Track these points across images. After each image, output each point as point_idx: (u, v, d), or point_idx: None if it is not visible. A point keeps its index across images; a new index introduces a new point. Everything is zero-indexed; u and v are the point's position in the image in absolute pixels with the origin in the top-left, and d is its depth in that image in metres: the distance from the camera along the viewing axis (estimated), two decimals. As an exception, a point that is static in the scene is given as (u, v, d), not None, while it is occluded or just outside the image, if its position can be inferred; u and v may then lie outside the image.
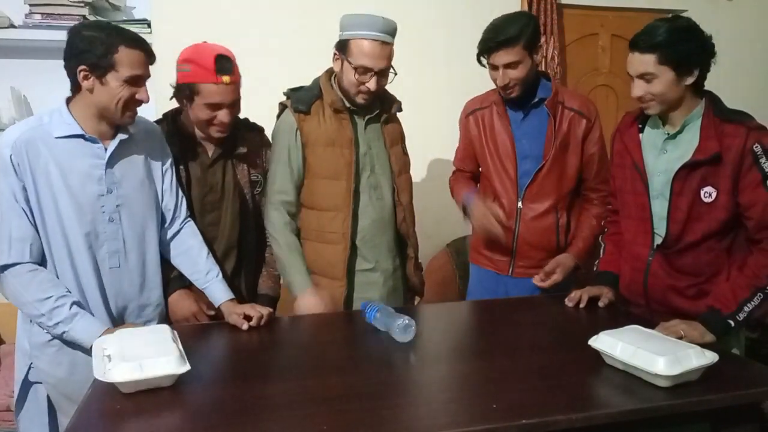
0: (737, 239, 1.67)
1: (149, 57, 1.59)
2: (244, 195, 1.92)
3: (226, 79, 1.71)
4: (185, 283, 1.82)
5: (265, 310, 1.71)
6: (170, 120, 1.87)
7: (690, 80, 1.60)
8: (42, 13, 2.59)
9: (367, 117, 1.95)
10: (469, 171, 2.21)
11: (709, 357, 1.31)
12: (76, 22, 2.58)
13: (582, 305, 1.84)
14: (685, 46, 1.57)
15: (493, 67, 1.93)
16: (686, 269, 1.71)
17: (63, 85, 2.78)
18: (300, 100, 1.90)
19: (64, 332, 1.54)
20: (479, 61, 1.96)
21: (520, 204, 2.04)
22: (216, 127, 1.78)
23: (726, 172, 1.59)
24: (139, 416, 1.18)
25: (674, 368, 1.25)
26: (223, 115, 1.76)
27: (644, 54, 1.59)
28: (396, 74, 1.88)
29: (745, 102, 1.69)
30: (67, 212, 1.56)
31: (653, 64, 1.58)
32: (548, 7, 3.24)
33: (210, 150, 1.87)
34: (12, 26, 2.59)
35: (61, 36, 2.55)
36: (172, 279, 1.82)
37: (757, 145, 1.55)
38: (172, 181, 1.77)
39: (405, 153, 2.07)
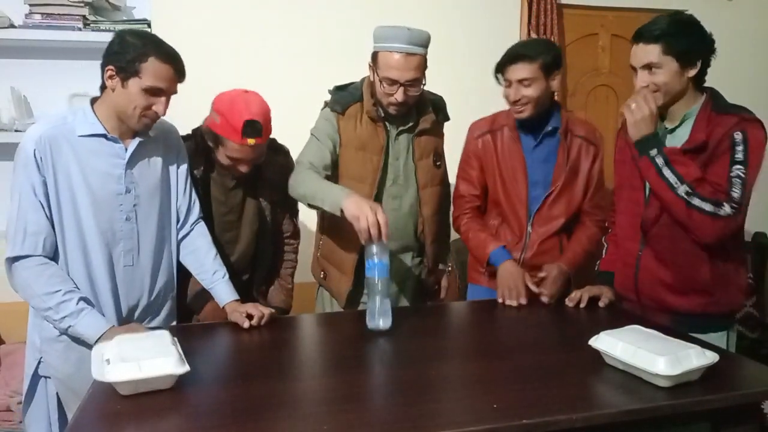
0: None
1: (178, 75, 1.61)
2: (264, 217, 1.97)
3: (250, 141, 1.74)
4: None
5: (266, 310, 1.71)
6: (199, 138, 1.89)
7: (692, 72, 1.63)
8: (42, 13, 2.59)
9: (399, 128, 1.96)
10: (477, 198, 2.12)
11: (710, 357, 1.31)
12: (76, 22, 2.59)
13: (582, 305, 1.85)
14: (689, 38, 1.61)
15: (507, 84, 1.94)
16: (667, 257, 1.72)
17: (63, 85, 2.79)
18: (337, 102, 1.94)
19: (69, 327, 1.56)
20: (496, 79, 1.98)
21: (529, 228, 2.03)
22: (236, 171, 1.84)
23: (704, 158, 1.62)
24: (138, 417, 1.18)
25: (674, 368, 1.25)
26: (243, 167, 1.81)
27: (649, 44, 1.62)
28: (425, 84, 1.89)
29: (745, 102, 1.69)
30: (85, 209, 1.59)
31: (658, 53, 1.61)
32: (548, 7, 3.23)
33: (234, 174, 1.90)
34: (12, 26, 2.59)
35: (61, 36, 2.59)
36: (201, 291, 1.84)
37: (738, 133, 1.57)
38: (186, 181, 1.80)
39: (437, 166, 2.05)
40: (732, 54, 3.64)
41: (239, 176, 1.88)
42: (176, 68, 1.59)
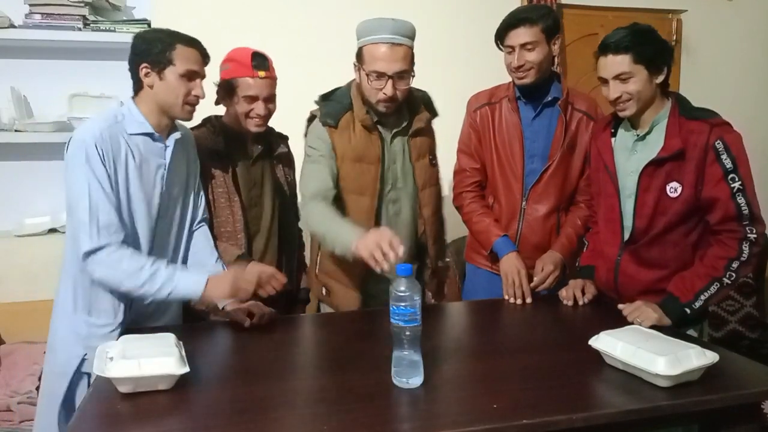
0: (704, 235, 1.73)
1: (204, 57, 1.70)
2: (284, 192, 2.01)
3: (261, 73, 1.83)
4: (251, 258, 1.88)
5: (267, 309, 1.72)
6: (215, 120, 1.95)
7: (660, 78, 1.69)
8: (42, 13, 2.59)
9: (393, 130, 1.93)
10: (478, 172, 2.11)
11: (709, 357, 1.31)
12: (76, 22, 2.60)
13: (580, 303, 1.85)
14: (654, 46, 1.67)
15: (509, 50, 1.92)
16: (653, 261, 1.76)
17: (63, 85, 2.80)
18: (328, 114, 1.89)
19: (170, 292, 1.57)
20: (498, 46, 1.96)
21: (524, 204, 2.03)
22: (254, 120, 1.87)
23: (690, 168, 1.66)
24: (139, 417, 1.18)
25: (674, 368, 1.25)
26: (259, 108, 1.84)
27: (618, 55, 1.67)
28: (414, 76, 1.85)
29: (745, 102, 1.71)
30: (138, 205, 1.64)
31: (629, 63, 1.66)
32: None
33: (251, 148, 1.95)
34: (12, 26, 2.59)
35: (61, 36, 2.59)
36: (240, 256, 1.85)
37: (719, 141, 1.62)
38: (198, 183, 1.84)
39: (433, 165, 2.02)
40: (732, 54, 3.65)
41: (256, 138, 1.92)
42: (201, 50, 1.68)
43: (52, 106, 2.73)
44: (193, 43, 1.67)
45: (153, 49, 1.62)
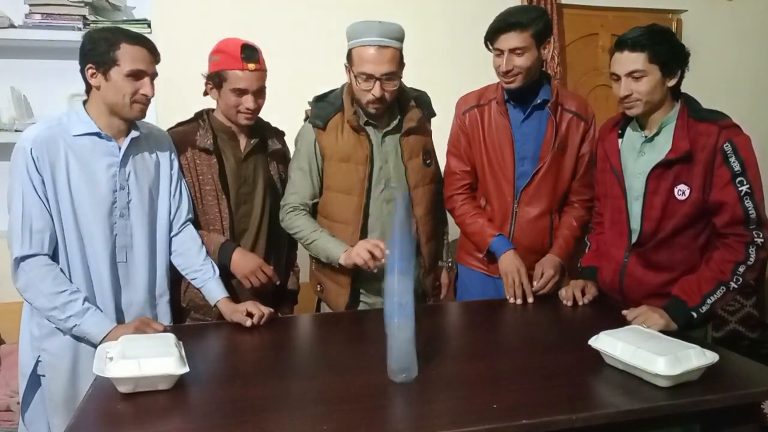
0: (712, 238, 1.71)
1: (153, 54, 1.65)
2: (276, 190, 1.99)
3: (251, 66, 1.80)
4: (238, 245, 1.89)
5: (266, 309, 1.72)
6: (206, 115, 1.93)
7: (672, 82, 1.66)
8: (42, 13, 2.59)
9: (384, 130, 1.93)
10: (469, 175, 2.09)
11: (709, 357, 1.31)
12: (76, 22, 2.60)
13: (580, 303, 1.85)
14: (671, 48, 1.65)
15: (498, 53, 1.89)
16: (661, 264, 1.75)
17: (63, 85, 2.80)
18: (318, 116, 1.92)
19: (74, 326, 1.58)
20: (487, 47, 1.93)
21: (515, 206, 2.02)
22: (243, 114, 1.85)
23: (698, 170, 1.64)
24: (138, 417, 1.18)
25: (674, 368, 1.25)
26: (248, 101, 1.82)
27: (634, 52, 1.64)
28: (401, 77, 1.86)
29: (745, 102, 1.70)
30: (83, 206, 1.62)
31: (644, 61, 1.64)
32: (548, 7, 3.24)
33: (243, 144, 1.93)
34: (12, 26, 2.59)
35: (61, 36, 2.60)
36: (225, 242, 1.86)
37: (727, 144, 1.60)
38: (178, 184, 1.82)
39: (427, 165, 2.02)
40: (732, 54, 3.65)
41: (248, 132, 1.91)
42: (148, 48, 1.64)
43: (52, 106, 2.72)
44: (139, 40, 1.62)
45: (97, 49, 1.58)
